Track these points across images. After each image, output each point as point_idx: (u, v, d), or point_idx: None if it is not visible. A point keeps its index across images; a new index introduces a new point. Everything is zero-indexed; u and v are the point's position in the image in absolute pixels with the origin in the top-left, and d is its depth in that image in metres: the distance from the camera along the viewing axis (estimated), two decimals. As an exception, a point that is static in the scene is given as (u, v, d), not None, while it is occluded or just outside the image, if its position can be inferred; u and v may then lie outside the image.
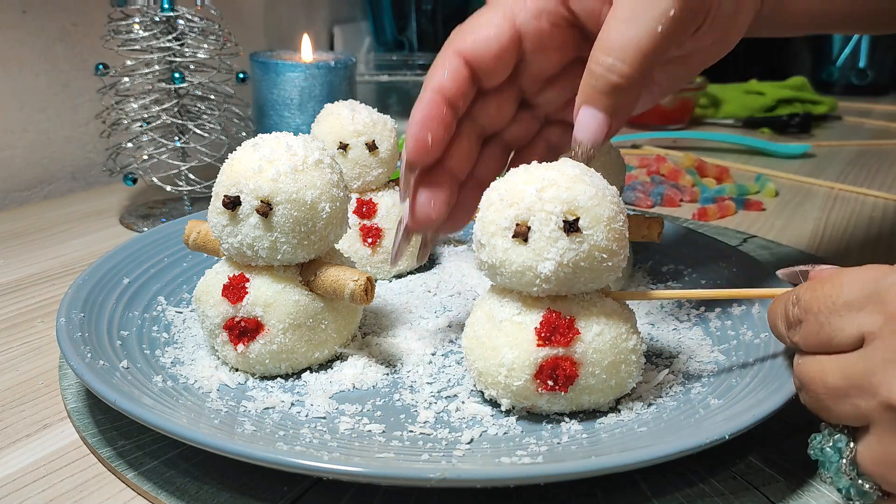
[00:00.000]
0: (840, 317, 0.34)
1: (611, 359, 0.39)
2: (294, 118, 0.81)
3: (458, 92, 0.44)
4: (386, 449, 0.38)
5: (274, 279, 0.44)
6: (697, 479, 0.38)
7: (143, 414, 0.36)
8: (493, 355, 0.40)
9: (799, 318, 0.36)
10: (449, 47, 0.45)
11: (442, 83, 0.44)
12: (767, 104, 1.24)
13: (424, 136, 0.44)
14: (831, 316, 0.34)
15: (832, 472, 0.35)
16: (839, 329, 0.34)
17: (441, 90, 0.44)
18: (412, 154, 0.44)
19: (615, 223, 0.39)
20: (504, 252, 0.39)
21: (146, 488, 0.37)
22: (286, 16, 1.19)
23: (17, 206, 0.84)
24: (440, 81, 0.44)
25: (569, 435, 0.40)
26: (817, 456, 0.36)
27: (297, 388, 0.44)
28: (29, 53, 0.83)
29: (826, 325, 0.34)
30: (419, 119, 0.44)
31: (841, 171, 1.00)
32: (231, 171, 0.43)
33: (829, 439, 0.35)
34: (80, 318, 0.46)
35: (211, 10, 0.77)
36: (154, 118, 0.73)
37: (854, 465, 0.34)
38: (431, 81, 0.44)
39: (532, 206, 0.38)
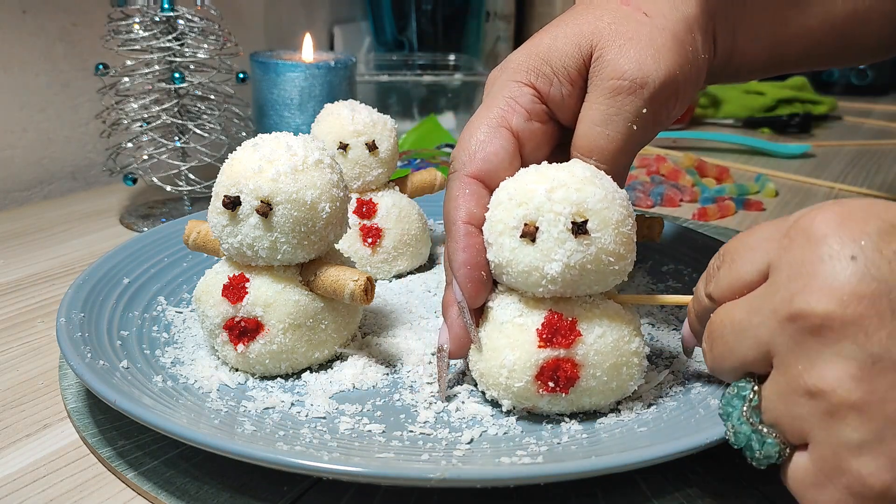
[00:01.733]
0: (751, 251, 0.33)
1: (612, 361, 0.39)
2: (294, 118, 0.81)
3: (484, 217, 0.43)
4: (386, 449, 0.38)
5: (274, 279, 0.44)
6: (697, 479, 0.38)
7: (143, 414, 0.36)
8: (494, 356, 0.40)
9: (718, 266, 0.36)
10: (460, 174, 0.44)
11: (471, 213, 0.43)
12: (767, 104, 1.24)
13: (479, 276, 0.42)
14: (744, 254, 0.34)
15: (734, 420, 0.33)
16: (748, 263, 0.33)
17: (472, 220, 0.43)
18: (475, 297, 0.42)
19: (624, 227, 0.39)
20: (511, 251, 0.39)
21: (146, 488, 0.37)
22: (286, 16, 1.19)
23: (17, 206, 0.84)
24: (469, 212, 0.43)
25: (569, 435, 0.40)
26: (724, 410, 0.34)
27: (297, 388, 0.44)
28: (29, 53, 0.83)
29: (737, 263, 0.34)
30: (467, 260, 0.42)
31: (841, 171, 1.00)
32: (231, 171, 0.43)
33: (735, 388, 0.34)
34: (80, 318, 0.46)
35: (211, 10, 0.77)
36: (154, 118, 0.73)
37: (757, 413, 0.32)
38: (459, 213, 0.43)
39: (541, 206, 0.38)
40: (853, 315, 0.28)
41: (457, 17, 1.30)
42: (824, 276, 0.29)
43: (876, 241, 0.29)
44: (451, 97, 1.09)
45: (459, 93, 1.08)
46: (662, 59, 0.42)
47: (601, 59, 0.43)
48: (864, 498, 0.28)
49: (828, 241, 0.29)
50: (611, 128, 0.42)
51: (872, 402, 0.27)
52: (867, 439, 0.28)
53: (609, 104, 0.42)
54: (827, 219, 0.30)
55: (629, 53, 0.42)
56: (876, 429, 0.27)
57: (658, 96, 0.42)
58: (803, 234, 0.30)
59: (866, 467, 0.28)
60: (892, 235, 0.29)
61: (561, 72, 0.44)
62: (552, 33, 0.45)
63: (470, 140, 0.44)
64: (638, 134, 0.43)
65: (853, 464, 0.28)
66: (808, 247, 0.30)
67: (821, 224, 0.30)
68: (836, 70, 1.51)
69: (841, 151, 1.10)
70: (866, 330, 0.28)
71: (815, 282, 0.29)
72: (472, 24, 1.30)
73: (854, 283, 0.28)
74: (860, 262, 0.28)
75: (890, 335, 0.27)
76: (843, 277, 0.28)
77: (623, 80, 0.42)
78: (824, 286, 0.29)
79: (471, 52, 1.29)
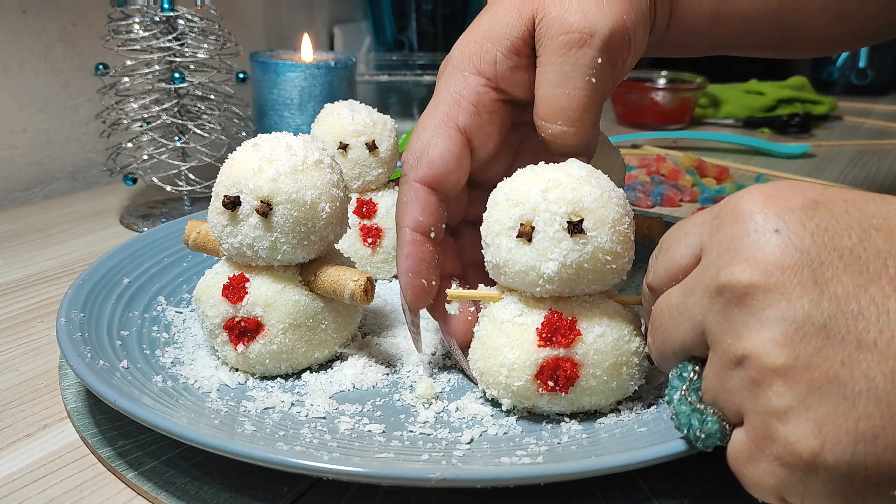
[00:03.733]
0: (685, 236, 0.34)
1: (612, 360, 0.39)
2: (294, 118, 0.81)
3: (434, 222, 0.43)
4: (386, 449, 0.38)
5: (274, 279, 0.44)
6: (697, 479, 0.38)
7: (143, 414, 0.36)
8: (494, 355, 0.40)
9: (655, 256, 0.36)
10: (408, 178, 0.44)
11: (417, 220, 0.43)
12: (767, 104, 1.24)
13: (420, 284, 0.43)
14: (679, 239, 0.34)
15: (675, 402, 0.33)
16: (682, 247, 0.34)
17: (418, 227, 0.43)
18: (414, 303, 0.43)
19: (620, 225, 0.39)
20: (508, 252, 0.39)
21: (146, 488, 0.37)
22: (286, 16, 1.19)
23: (17, 206, 0.84)
24: (414, 219, 0.43)
25: (569, 435, 0.40)
26: (667, 394, 0.34)
27: (297, 388, 0.44)
28: (29, 53, 0.83)
29: (672, 250, 0.34)
30: (409, 267, 0.42)
31: (841, 171, 1.00)
32: (231, 171, 0.43)
33: (677, 369, 0.34)
34: (80, 318, 0.46)
35: (211, 10, 0.77)
36: (154, 118, 0.73)
37: (697, 394, 0.33)
38: (406, 220, 0.43)
39: (537, 206, 0.38)
40: (776, 283, 0.28)
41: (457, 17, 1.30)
42: (748, 248, 0.29)
43: (799, 215, 0.29)
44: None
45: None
46: (607, 7, 0.42)
47: (545, 19, 0.42)
48: (793, 467, 0.28)
49: (753, 217, 0.30)
50: (569, 85, 0.42)
51: (796, 368, 0.28)
52: (792, 405, 0.28)
53: (563, 61, 0.42)
54: (753, 197, 0.31)
55: (572, 7, 0.42)
56: (801, 394, 0.28)
57: (611, 44, 0.42)
58: (731, 213, 0.31)
59: (793, 434, 0.28)
60: (814, 210, 0.29)
61: (504, 44, 0.43)
62: (492, 10, 0.45)
63: (416, 143, 0.44)
64: (598, 87, 0.42)
65: (780, 431, 0.28)
66: (735, 224, 0.31)
67: (747, 202, 0.31)
68: (835, 70, 1.51)
69: (841, 151, 1.10)
70: (789, 297, 0.28)
71: (740, 254, 0.30)
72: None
73: (777, 254, 0.29)
74: (783, 235, 0.29)
75: (812, 302, 0.28)
76: (766, 249, 0.29)
77: (572, 34, 0.41)
78: (749, 257, 0.29)
79: (471, 52, 1.28)
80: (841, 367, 0.27)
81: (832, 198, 0.30)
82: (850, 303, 0.28)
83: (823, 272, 0.28)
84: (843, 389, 0.27)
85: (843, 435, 0.27)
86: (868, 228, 0.29)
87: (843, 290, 0.28)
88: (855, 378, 0.27)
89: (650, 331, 0.36)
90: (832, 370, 0.27)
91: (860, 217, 0.29)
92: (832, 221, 0.29)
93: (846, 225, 0.29)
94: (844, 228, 0.29)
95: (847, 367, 0.27)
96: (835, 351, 0.27)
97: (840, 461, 0.27)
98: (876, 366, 0.27)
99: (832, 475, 0.27)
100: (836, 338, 0.27)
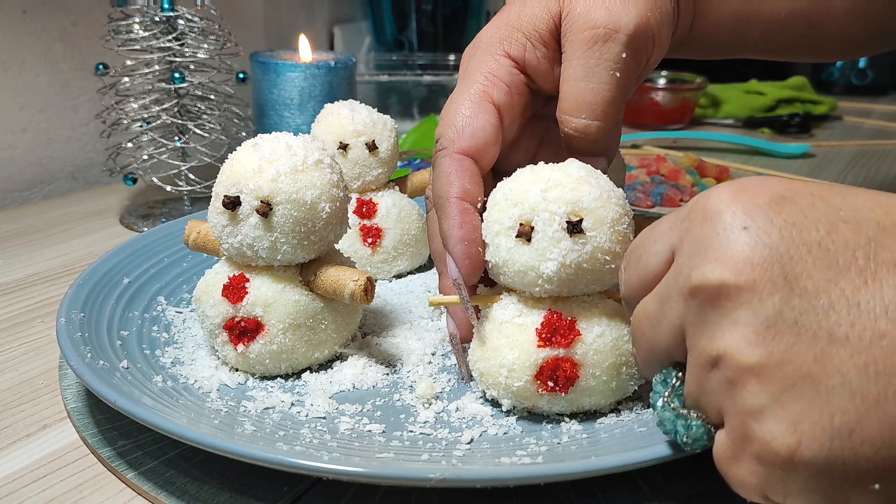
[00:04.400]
0: (654, 243, 0.34)
1: (612, 360, 0.39)
2: (294, 118, 0.81)
3: (479, 192, 0.43)
4: (386, 449, 0.38)
5: (274, 279, 0.44)
6: (697, 480, 0.38)
7: (143, 414, 0.36)
8: (493, 356, 0.40)
9: (625, 266, 0.36)
10: (449, 151, 0.43)
11: (465, 189, 0.42)
12: (767, 104, 1.24)
13: (476, 252, 0.41)
14: (648, 247, 0.34)
15: (658, 408, 0.33)
16: (652, 254, 0.33)
17: (466, 196, 0.42)
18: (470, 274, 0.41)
19: (619, 225, 0.39)
20: (507, 251, 0.39)
21: (146, 488, 0.37)
22: (286, 16, 1.19)
23: (17, 206, 0.84)
24: (462, 188, 0.42)
25: (569, 435, 0.40)
26: (651, 399, 0.34)
27: (297, 388, 0.44)
28: (29, 53, 0.83)
29: (643, 259, 0.34)
30: (464, 235, 0.41)
31: (841, 171, 1.00)
32: (231, 171, 0.43)
33: (661, 375, 0.34)
34: (80, 318, 0.46)
35: (211, 10, 0.77)
36: (154, 118, 0.73)
37: (679, 398, 0.32)
38: (452, 190, 0.42)
39: (536, 206, 0.39)
40: (746, 281, 0.28)
41: (457, 17, 1.30)
42: (718, 247, 0.29)
43: (767, 211, 0.29)
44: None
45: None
46: (632, 4, 0.43)
47: (571, 13, 0.43)
48: (772, 465, 0.28)
49: (721, 215, 0.30)
50: (594, 79, 0.42)
51: (770, 365, 0.28)
52: (767, 403, 0.28)
53: (588, 55, 0.42)
54: (720, 196, 0.30)
55: (598, 3, 0.43)
56: (775, 391, 0.28)
57: (635, 40, 0.42)
58: (699, 213, 0.31)
59: (769, 433, 0.28)
60: (782, 206, 0.29)
61: (533, 35, 0.44)
62: (520, 2, 0.45)
63: (455, 116, 0.44)
64: (622, 81, 0.43)
65: (757, 430, 0.28)
66: (704, 224, 0.30)
67: (714, 201, 0.30)
68: (835, 70, 1.51)
69: (841, 151, 1.10)
70: (760, 295, 0.28)
71: (710, 254, 0.29)
72: (472, 24, 1.30)
73: (746, 252, 0.29)
74: (752, 232, 0.29)
75: (783, 299, 0.28)
76: (735, 247, 0.29)
77: (597, 29, 0.42)
78: (718, 256, 0.29)
79: (471, 52, 1.28)
80: (814, 362, 0.27)
81: (799, 192, 0.30)
82: (820, 297, 0.27)
83: (793, 267, 0.28)
84: (816, 385, 0.27)
85: (818, 431, 0.27)
86: (836, 221, 0.29)
87: (814, 284, 0.28)
88: (828, 373, 0.27)
89: (633, 342, 0.36)
90: (805, 366, 0.27)
91: (827, 210, 0.29)
92: (800, 216, 0.29)
93: (814, 219, 0.29)
94: (812, 222, 0.29)
95: (820, 362, 0.27)
96: (807, 347, 0.27)
97: (817, 457, 0.27)
98: (849, 360, 0.27)
99: (810, 471, 0.27)
100: (807, 333, 0.27)
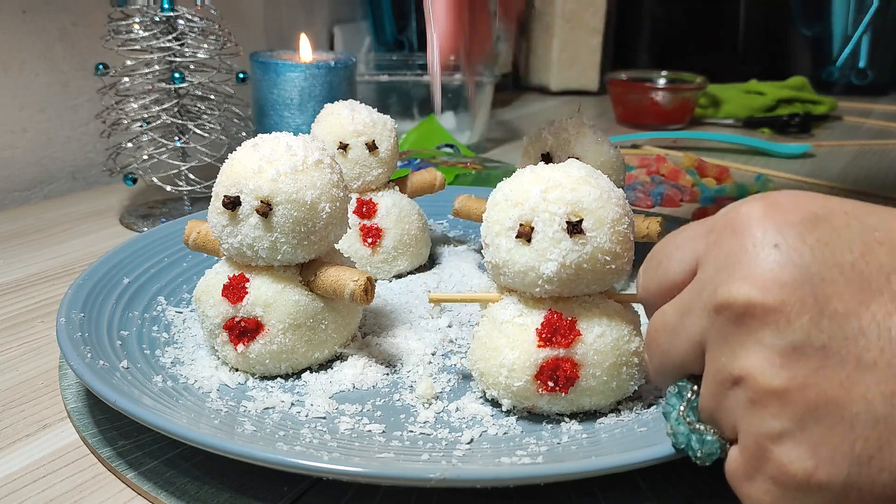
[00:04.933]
0: (678, 250, 0.33)
1: (612, 360, 0.39)
2: (294, 118, 0.81)
3: None
4: (386, 449, 0.38)
5: (274, 279, 0.44)
6: (697, 480, 0.38)
7: (143, 414, 0.36)
8: (493, 356, 0.40)
9: (644, 271, 0.35)
10: None
11: None
12: (767, 104, 1.23)
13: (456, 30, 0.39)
14: (671, 254, 0.33)
15: (672, 420, 0.33)
16: (675, 263, 0.33)
17: None
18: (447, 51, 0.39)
19: (620, 226, 0.39)
20: (507, 252, 0.39)
21: (146, 488, 0.37)
22: (286, 16, 1.19)
23: (17, 206, 0.84)
24: None
25: (569, 435, 0.40)
26: (665, 410, 0.33)
27: (297, 388, 0.44)
28: (29, 53, 0.83)
29: (663, 265, 0.33)
30: None
31: (841, 171, 1.00)
32: (231, 171, 0.43)
33: (675, 387, 0.33)
34: (80, 318, 0.46)
35: (211, 10, 0.77)
36: (154, 118, 0.73)
37: (696, 412, 0.32)
38: None
39: (536, 206, 0.38)
40: (774, 301, 0.28)
41: (457, 17, 1.30)
42: (747, 264, 0.29)
43: (799, 229, 0.28)
44: (452, 97, 1.08)
45: (459, 93, 1.07)
46: None
47: None
48: (787, 487, 0.28)
49: (752, 231, 0.29)
50: None
51: (793, 389, 0.27)
52: (788, 427, 0.27)
53: None
54: (752, 210, 0.30)
55: None
56: (796, 415, 0.27)
57: None
58: (729, 227, 0.30)
59: (787, 455, 0.27)
60: (815, 224, 0.28)
61: None
62: None
63: None
64: None
65: (775, 452, 0.28)
66: (733, 239, 0.30)
67: (745, 216, 0.30)
68: (835, 70, 1.51)
69: (841, 151, 1.10)
70: (788, 316, 0.27)
71: (738, 271, 0.29)
72: (472, 24, 1.30)
73: (776, 270, 0.28)
74: (782, 250, 0.28)
75: (811, 321, 0.27)
76: (764, 265, 0.28)
77: None
78: (747, 274, 0.28)
79: (471, 51, 1.28)
80: (839, 388, 0.27)
81: (833, 210, 0.29)
82: (850, 321, 0.27)
83: (824, 289, 0.27)
84: (840, 411, 0.26)
85: (838, 457, 0.27)
86: (870, 242, 0.28)
87: (844, 307, 0.27)
88: (853, 399, 0.26)
89: (647, 348, 0.35)
90: (830, 391, 0.27)
91: (862, 230, 0.28)
92: (833, 235, 0.28)
93: (847, 239, 0.28)
94: (846, 242, 0.28)
95: (845, 388, 0.27)
96: (833, 372, 0.27)
97: (834, 482, 0.27)
98: (875, 387, 0.26)
99: (826, 495, 0.27)
100: (835, 358, 0.27)
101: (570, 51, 1.44)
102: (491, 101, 1.09)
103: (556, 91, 1.46)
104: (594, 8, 1.42)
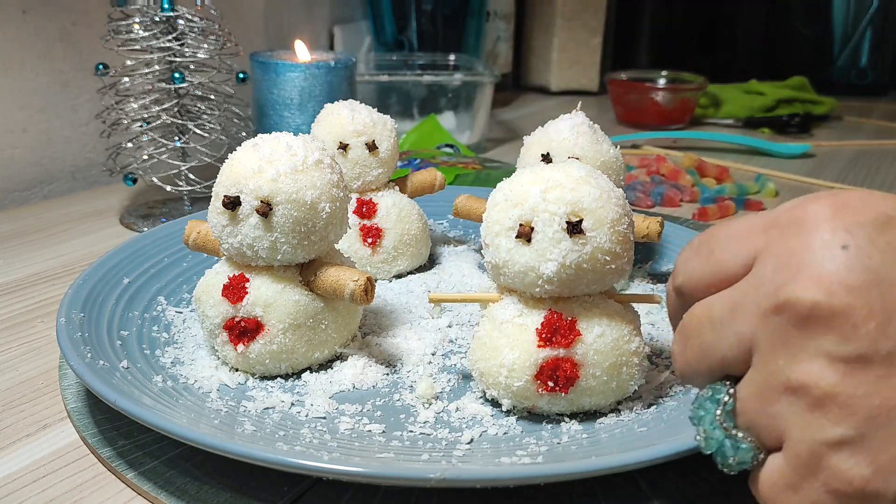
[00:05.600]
0: (734, 241, 0.31)
1: (612, 360, 0.39)
2: (294, 118, 0.81)
3: None
4: (386, 449, 0.38)
5: (274, 279, 0.44)
6: (697, 479, 0.38)
7: (143, 414, 0.36)
8: (493, 356, 0.40)
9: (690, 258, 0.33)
10: None
11: None
12: (767, 104, 1.23)
13: None
14: (726, 245, 0.31)
15: (706, 425, 0.31)
16: (731, 254, 0.31)
17: None
18: None
19: (619, 226, 0.39)
20: (507, 252, 0.39)
21: (146, 488, 0.37)
22: (286, 16, 1.19)
23: (17, 206, 0.84)
24: None
25: (569, 435, 0.40)
26: (696, 414, 0.32)
27: (297, 388, 0.44)
28: (29, 53, 0.83)
29: (716, 255, 0.31)
30: None
31: (841, 171, 1.00)
32: (231, 171, 0.43)
33: (710, 390, 0.31)
34: (80, 318, 0.46)
35: (211, 10, 0.77)
36: (154, 118, 0.73)
37: (731, 417, 0.30)
38: None
39: (536, 206, 0.38)
40: (841, 305, 0.26)
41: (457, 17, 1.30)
42: (813, 265, 0.27)
43: (869, 231, 0.27)
44: (451, 97, 1.08)
45: (459, 93, 1.07)
46: None
47: None
48: (842, 495, 0.27)
49: (819, 230, 0.28)
50: None
51: (856, 397, 0.26)
52: (849, 435, 0.27)
53: None
54: (820, 208, 0.28)
55: None
56: (858, 424, 0.26)
57: None
58: (795, 223, 0.29)
59: (846, 463, 0.27)
60: (886, 226, 0.27)
61: None
62: None
63: None
64: None
65: (832, 460, 0.27)
66: (798, 237, 0.28)
67: (813, 213, 0.28)
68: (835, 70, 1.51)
69: (841, 151, 1.10)
70: (854, 322, 0.26)
71: (803, 271, 0.27)
72: (472, 24, 1.30)
73: (844, 273, 0.27)
74: (851, 252, 0.27)
75: (878, 327, 0.26)
76: (832, 267, 0.27)
77: None
78: (812, 275, 0.27)
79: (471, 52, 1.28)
80: None
81: None
82: None
83: (892, 294, 0.26)
84: None
85: None
86: None
87: None
88: None
89: (680, 339, 0.33)
90: (893, 399, 0.26)
91: None
92: None
93: None
94: None
95: None
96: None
97: (889, 490, 0.26)
98: None
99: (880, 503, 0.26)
100: None
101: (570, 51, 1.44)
102: (491, 101, 1.09)
103: (555, 91, 1.46)
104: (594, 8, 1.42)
